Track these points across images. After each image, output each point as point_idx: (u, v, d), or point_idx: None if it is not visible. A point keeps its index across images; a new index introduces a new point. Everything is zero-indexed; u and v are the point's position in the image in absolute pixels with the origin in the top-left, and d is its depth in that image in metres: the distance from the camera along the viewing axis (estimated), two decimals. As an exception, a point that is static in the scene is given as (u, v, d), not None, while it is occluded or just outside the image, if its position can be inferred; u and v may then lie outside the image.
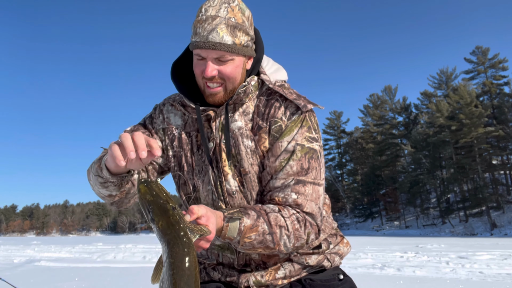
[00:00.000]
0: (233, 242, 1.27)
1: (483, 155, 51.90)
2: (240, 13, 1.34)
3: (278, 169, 1.36)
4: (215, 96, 1.39)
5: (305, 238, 1.35)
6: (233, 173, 1.40)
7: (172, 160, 1.50)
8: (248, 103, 1.44)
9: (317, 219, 1.37)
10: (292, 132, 1.38)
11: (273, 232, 1.28)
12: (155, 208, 1.01)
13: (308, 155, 1.37)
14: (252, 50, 1.42)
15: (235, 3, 1.34)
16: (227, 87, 1.39)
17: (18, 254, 16.99)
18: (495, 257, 11.43)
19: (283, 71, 1.54)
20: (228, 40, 1.30)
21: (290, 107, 1.41)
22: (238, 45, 1.33)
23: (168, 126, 1.52)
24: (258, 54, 1.46)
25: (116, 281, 7.92)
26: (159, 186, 1.05)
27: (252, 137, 1.40)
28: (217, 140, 1.41)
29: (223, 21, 1.30)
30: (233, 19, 1.32)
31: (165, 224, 0.99)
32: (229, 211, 1.25)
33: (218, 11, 1.31)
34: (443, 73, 60.01)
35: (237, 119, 1.42)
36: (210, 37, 1.29)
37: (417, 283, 6.89)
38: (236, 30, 1.32)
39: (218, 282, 1.47)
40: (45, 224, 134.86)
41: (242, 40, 1.34)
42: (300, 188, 1.34)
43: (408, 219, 62.24)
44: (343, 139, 74.50)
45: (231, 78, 1.37)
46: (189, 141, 1.47)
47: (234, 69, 1.36)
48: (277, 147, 1.38)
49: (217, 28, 1.29)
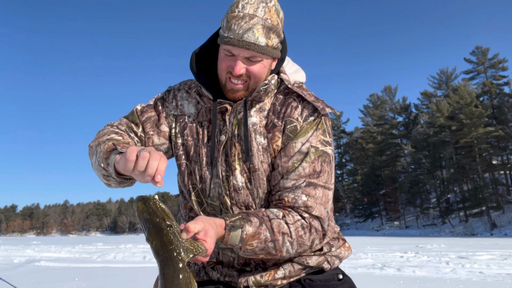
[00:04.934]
0: (235, 248, 1.27)
1: (483, 155, 51.88)
2: (276, 15, 1.33)
3: (290, 170, 1.35)
4: (236, 92, 1.39)
5: (309, 245, 1.34)
6: (241, 169, 1.39)
7: (181, 148, 1.48)
8: (265, 101, 1.44)
9: (325, 223, 1.37)
10: (307, 134, 1.37)
11: (275, 239, 1.28)
12: (150, 227, 1.02)
13: (321, 158, 1.36)
14: (279, 51, 1.41)
15: (272, 3, 1.33)
16: (250, 85, 1.39)
17: (18, 254, 16.98)
18: (495, 257, 11.42)
19: (302, 72, 1.54)
20: (262, 42, 1.30)
21: (307, 108, 1.41)
22: (270, 47, 1.33)
23: (181, 113, 1.51)
24: (283, 54, 1.46)
25: (116, 281, 7.92)
26: (156, 204, 1.05)
27: (266, 135, 1.40)
28: (229, 134, 1.41)
29: (260, 22, 1.29)
30: (269, 21, 1.31)
31: (158, 245, 1.00)
32: (231, 218, 1.24)
33: (256, 10, 1.29)
34: (443, 73, 60.00)
35: (252, 115, 1.41)
36: (246, 36, 1.28)
37: (417, 283, 6.89)
38: (271, 32, 1.32)
39: (217, 282, 1.47)
40: (45, 224, 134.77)
41: (274, 42, 1.34)
42: (311, 190, 1.34)
43: (408, 219, 62.20)
44: (343, 139, 74.54)
45: (256, 78, 1.37)
46: (201, 131, 1.46)
47: (261, 69, 1.37)
48: (291, 148, 1.37)
49: (253, 28, 1.28)
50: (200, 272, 1.50)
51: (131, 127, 1.50)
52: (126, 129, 1.49)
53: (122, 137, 1.42)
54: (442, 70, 60.13)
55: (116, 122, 1.53)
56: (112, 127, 1.49)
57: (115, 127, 1.49)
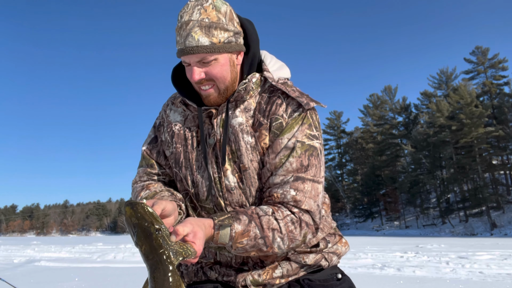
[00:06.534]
0: (226, 247, 1.28)
1: (483, 155, 51.88)
2: (214, 11, 1.33)
3: (278, 166, 1.36)
4: (209, 97, 1.41)
5: (300, 239, 1.35)
6: (232, 169, 1.40)
7: (171, 157, 1.51)
8: (250, 100, 1.44)
9: (315, 216, 1.37)
10: (293, 129, 1.38)
11: (265, 236, 1.29)
12: (139, 232, 1.03)
13: (308, 152, 1.37)
14: (239, 44, 1.40)
15: (208, 2, 1.33)
16: (219, 87, 1.39)
17: (18, 254, 16.98)
18: (495, 257, 11.42)
19: (286, 68, 1.53)
20: (205, 41, 1.30)
21: (291, 105, 1.41)
22: (217, 43, 1.32)
23: (168, 124, 1.53)
24: (253, 48, 1.45)
25: (116, 281, 7.91)
26: (144, 208, 1.05)
27: (253, 133, 1.40)
28: (217, 136, 1.42)
29: (196, 24, 1.30)
30: (206, 19, 1.31)
31: (148, 249, 1.01)
32: (220, 217, 1.25)
33: (191, 15, 1.31)
34: (443, 73, 60.00)
35: (238, 115, 1.42)
36: (187, 42, 1.31)
37: (417, 283, 6.88)
38: (211, 29, 1.31)
39: (215, 281, 1.47)
40: (45, 224, 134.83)
41: (221, 37, 1.33)
42: (299, 185, 1.34)
43: (408, 219, 62.22)
44: (343, 139, 74.50)
45: (219, 78, 1.37)
46: (190, 136, 1.48)
47: (219, 68, 1.36)
48: (278, 144, 1.38)
49: (191, 32, 1.30)
50: (198, 272, 1.51)
51: (149, 172, 1.56)
52: (147, 178, 1.55)
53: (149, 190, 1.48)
54: (442, 70, 60.15)
55: (136, 177, 1.58)
56: (137, 184, 1.55)
57: (139, 183, 1.55)
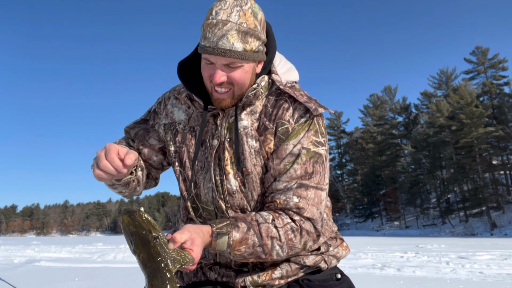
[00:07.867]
0: (224, 253, 1.28)
1: (483, 155, 51.89)
2: (252, 17, 1.29)
3: (282, 172, 1.35)
4: (222, 101, 1.38)
5: (300, 247, 1.34)
6: (234, 172, 1.39)
7: (174, 156, 1.49)
8: (257, 103, 1.42)
9: (317, 224, 1.36)
10: (299, 136, 1.36)
11: (263, 244, 1.28)
12: (137, 240, 1.03)
13: (313, 159, 1.36)
14: (263, 54, 1.38)
15: (248, 5, 1.29)
16: (235, 92, 1.37)
17: (18, 254, 16.96)
18: (495, 257, 11.41)
19: (295, 71, 1.51)
20: (239, 47, 1.26)
21: (298, 110, 1.39)
22: (248, 51, 1.29)
23: (171, 121, 1.52)
24: (270, 55, 1.42)
25: (116, 281, 7.91)
26: (142, 216, 1.06)
27: (257, 137, 1.39)
28: (221, 138, 1.40)
29: (235, 27, 1.25)
30: (245, 25, 1.27)
31: (145, 257, 1.02)
32: (218, 225, 1.24)
33: (229, 16, 1.25)
34: (443, 73, 59.99)
35: (243, 118, 1.40)
36: (220, 43, 1.25)
37: (417, 283, 6.88)
38: (247, 36, 1.28)
39: (214, 282, 1.47)
40: (45, 224, 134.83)
41: (253, 46, 1.30)
42: (302, 192, 1.33)
43: (408, 219, 62.20)
44: (343, 139, 74.47)
45: (240, 84, 1.35)
46: (193, 136, 1.46)
47: (243, 74, 1.34)
48: (283, 150, 1.36)
49: (227, 35, 1.25)
50: (197, 273, 1.50)
51: (129, 142, 1.58)
52: (126, 144, 1.57)
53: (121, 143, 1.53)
54: (442, 70, 60.14)
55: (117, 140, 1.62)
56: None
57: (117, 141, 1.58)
